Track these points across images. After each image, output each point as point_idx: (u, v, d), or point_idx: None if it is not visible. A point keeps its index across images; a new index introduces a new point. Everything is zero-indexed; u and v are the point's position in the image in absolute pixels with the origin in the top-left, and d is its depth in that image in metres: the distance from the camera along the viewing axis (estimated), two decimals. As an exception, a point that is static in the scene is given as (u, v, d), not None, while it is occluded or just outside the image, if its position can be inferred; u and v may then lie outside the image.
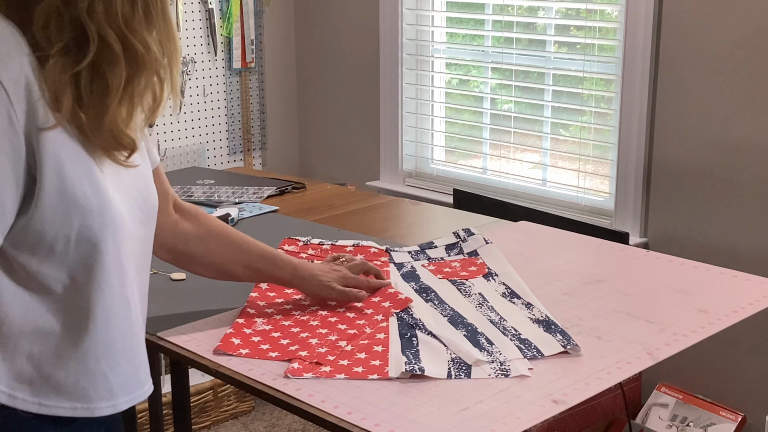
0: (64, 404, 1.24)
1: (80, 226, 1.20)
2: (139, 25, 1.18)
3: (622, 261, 1.96)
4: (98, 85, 1.18)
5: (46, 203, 1.17)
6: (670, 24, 2.92)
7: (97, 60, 1.17)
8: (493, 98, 3.54)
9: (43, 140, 1.16)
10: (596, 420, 2.65)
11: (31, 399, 1.23)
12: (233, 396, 3.38)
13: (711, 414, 2.80)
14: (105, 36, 1.16)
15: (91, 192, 1.20)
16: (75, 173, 1.19)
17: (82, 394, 1.25)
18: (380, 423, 1.28)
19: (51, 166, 1.17)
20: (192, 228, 1.60)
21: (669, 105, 2.96)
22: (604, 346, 1.53)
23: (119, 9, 1.16)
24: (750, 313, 1.67)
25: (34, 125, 1.16)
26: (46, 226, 1.18)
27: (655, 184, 3.05)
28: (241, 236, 1.65)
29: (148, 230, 1.35)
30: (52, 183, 1.17)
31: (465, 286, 1.78)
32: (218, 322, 1.63)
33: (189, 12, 3.75)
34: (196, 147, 3.88)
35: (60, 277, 1.22)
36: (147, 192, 1.35)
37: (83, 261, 1.22)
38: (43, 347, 1.23)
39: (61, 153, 1.18)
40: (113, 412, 1.28)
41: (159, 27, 1.21)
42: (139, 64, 1.19)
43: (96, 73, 1.17)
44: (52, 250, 1.20)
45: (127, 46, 1.17)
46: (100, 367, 1.25)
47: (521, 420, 1.29)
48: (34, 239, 1.19)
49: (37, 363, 1.23)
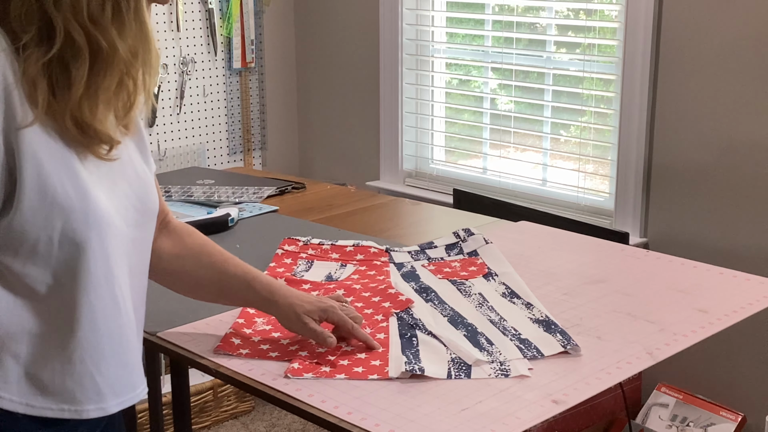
0: (51, 405, 1.23)
1: (63, 226, 1.19)
2: (107, 23, 1.17)
3: (622, 261, 1.96)
4: (63, 77, 1.17)
5: (26, 204, 1.17)
6: (670, 24, 2.92)
7: (62, 52, 1.16)
8: (493, 98, 3.54)
9: (22, 139, 1.15)
10: (596, 420, 2.65)
11: (18, 400, 1.22)
12: (233, 396, 3.38)
13: (711, 414, 2.80)
14: (69, 29, 1.15)
15: (73, 191, 1.19)
16: (56, 173, 1.18)
17: (69, 395, 1.24)
18: (380, 423, 1.28)
19: (30, 165, 1.16)
20: (170, 245, 1.54)
21: (669, 105, 2.96)
22: (604, 346, 1.53)
23: (85, 5, 1.16)
24: (750, 313, 1.67)
25: (13, 125, 1.15)
26: (27, 226, 1.17)
27: (655, 184, 3.05)
28: (223, 258, 1.55)
29: (144, 232, 1.34)
30: (32, 183, 1.16)
31: (465, 286, 1.78)
32: (218, 322, 1.63)
33: (189, 12, 3.75)
34: (196, 147, 3.88)
35: (44, 278, 1.21)
36: (144, 193, 1.33)
37: (67, 262, 1.21)
38: (29, 348, 1.22)
39: (41, 152, 1.17)
40: (102, 414, 1.27)
41: (132, 29, 1.20)
42: (104, 60, 1.18)
43: (61, 65, 1.17)
44: (35, 250, 1.19)
45: (90, 41, 1.17)
46: (87, 369, 1.24)
47: (521, 420, 1.29)
48: (16, 240, 1.18)
49: (23, 364, 1.22)
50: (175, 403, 2.55)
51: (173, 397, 2.55)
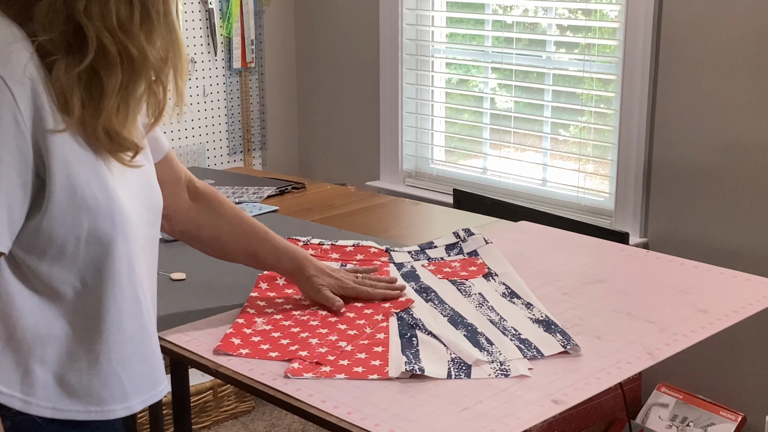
0: (78, 408, 1.24)
1: (90, 226, 1.20)
2: (136, 29, 1.17)
3: (622, 261, 1.96)
4: (95, 86, 1.17)
5: (56, 205, 1.17)
6: (670, 24, 2.92)
7: (94, 61, 1.16)
8: (493, 98, 3.54)
9: (51, 142, 1.16)
10: (596, 420, 2.65)
11: (45, 404, 1.22)
12: (233, 396, 3.38)
13: (711, 414, 2.80)
14: (101, 38, 1.15)
15: (100, 193, 1.20)
16: (83, 174, 1.19)
17: (96, 397, 1.25)
18: (380, 423, 1.28)
19: (60, 167, 1.16)
20: (205, 215, 1.64)
21: (669, 105, 2.96)
22: (604, 346, 1.53)
23: (114, 11, 1.15)
24: (750, 313, 1.67)
25: (41, 127, 1.15)
26: (56, 228, 1.18)
27: (655, 184, 3.05)
28: (254, 226, 1.68)
29: (154, 230, 1.35)
30: (62, 185, 1.17)
31: (465, 286, 1.78)
32: (218, 322, 1.63)
33: (189, 12, 3.75)
34: (196, 147, 3.88)
35: (70, 279, 1.22)
36: (152, 192, 1.35)
37: (94, 262, 1.22)
38: (55, 351, 1.22)
39: (69, 154, 1.17)
40: (128, 413, 1.28)
41: (161, 33, 1.20)
42: (135, 69, 1.18)
43: (93, 74, 1.17)
44: (63, 252, 1.20)
45: (123, 50, 1.16)
46: (113, 369, 1.25)
47: (521, 420, 1.29)
48: (44, 242, 1.19)
49: (50, 367, 1.22)
50: (175, 403, 2.55)
51: (173, 397, 2.55)
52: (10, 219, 1.15)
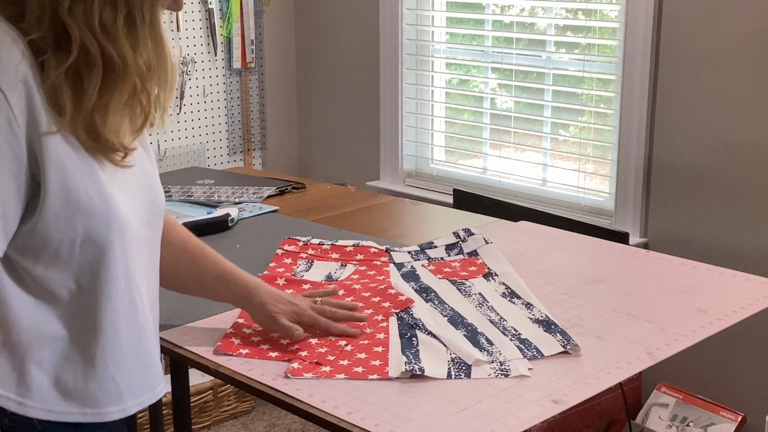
0: (74, 410, 1.24)
1: (85, 229, 1.19)
2: (120, 35, 1.16)
3: (622, 261, 1.96)
4: (79, 85, 1.17)
5: (50, 208, 1.17)
6: (670, 24, 2.92)
7: (77, 61, 1.16)
8: (493, 98, 3.54)
9: (45, 144, 1.16)
10: (596, 420, 2.65)
11: (40, 406, 1.22)
12: (233, 396, 3.38)
13: (711, 414, 2.80)
14: (83, 38, 1.15)
15: (95, 195, 1.20)
16: (78, 176, 1.18)
17: (92, 399, 1.25)
18: (380, 423, 1.28)
19: (54, 170, 1.16)
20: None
21: (669, 105, 2.96)
22: (604, 346, 1.53)
23: (97, 14, 1.15)
24: (750, 313, 1.67)
25: (36, 130, 1.15)
26: (51, 230, 1.18)
27: (655, 184, 3.05)
28: (203, 252, 1.57)
29: (155, 231, 1.35)
30: (56, 187, 1.17)
31: (465, 286, 1.78)
32: (218, 322, 1.63)
33: (189, 12, 3.75)
34: (196, 147, 3.88)
35: (66, 282, 1.22)
36: (153, 193, 1.34)
37: (89, 265, 1.22)
38: (51, 353, 1.22)
39: (64, 157, 1.17)
40: (123, 416, 1.28)
41: (146, 44, 1.19)
42: (116, 73, 1.17)
43: (77, 73, 1.17)
44: (58, 254, 1.20)
45: (103, 52, 1.16)
46: (109, 371, 1.25)
47: (521, 420, 1.29)
48: (39, 244, 1.19)
49: (46, 370, 1.22)
50: (175, 403, 2.55)
51: (173, 397, 2.55)
52: (4, 221, 1.16)
